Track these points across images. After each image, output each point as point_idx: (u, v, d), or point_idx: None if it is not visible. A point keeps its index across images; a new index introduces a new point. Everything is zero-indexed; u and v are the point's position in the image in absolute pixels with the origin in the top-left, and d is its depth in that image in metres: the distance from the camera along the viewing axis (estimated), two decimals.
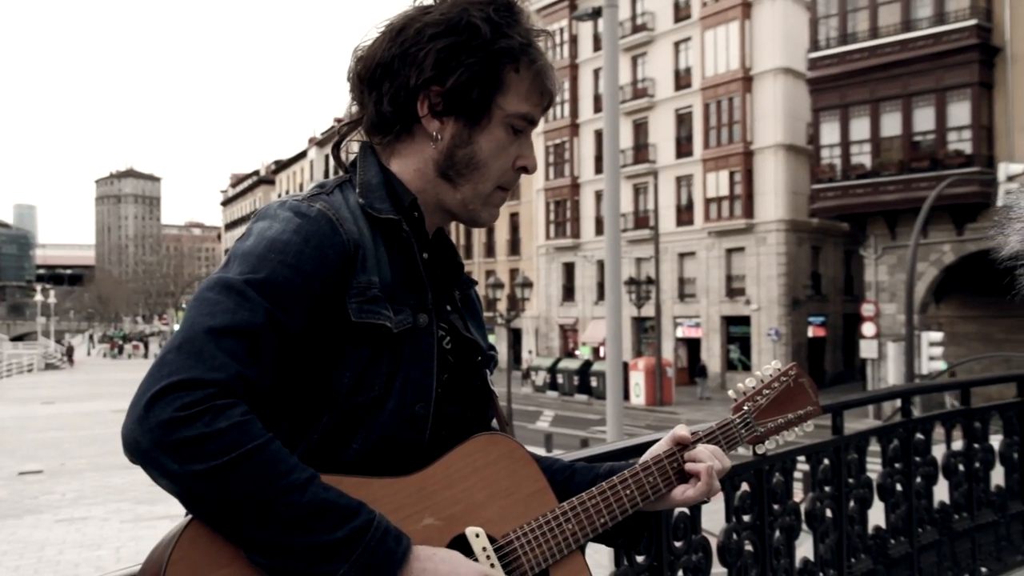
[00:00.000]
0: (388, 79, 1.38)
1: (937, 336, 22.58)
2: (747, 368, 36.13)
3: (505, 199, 1.47)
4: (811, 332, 36.23)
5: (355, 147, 1.49)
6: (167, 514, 15.62)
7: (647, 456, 1.56)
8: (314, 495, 1.10)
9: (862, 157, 29.50)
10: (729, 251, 36.93)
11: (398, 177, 1.41)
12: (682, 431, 1.57)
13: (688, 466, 1.52)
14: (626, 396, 30.81)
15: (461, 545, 1.26)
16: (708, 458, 1.52)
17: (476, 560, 1.25)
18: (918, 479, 3.82)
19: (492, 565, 1.26)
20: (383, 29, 1.41)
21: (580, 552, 1.41)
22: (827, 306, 37.26)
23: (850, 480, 3.41)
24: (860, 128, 29.47)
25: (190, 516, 1.11)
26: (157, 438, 1.06)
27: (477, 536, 1.28)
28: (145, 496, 17.35)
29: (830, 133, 30.32)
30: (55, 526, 15.25)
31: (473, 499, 1.30)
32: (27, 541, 14.26)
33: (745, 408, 1.63)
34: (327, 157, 74.74)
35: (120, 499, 17.18)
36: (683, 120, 39.04)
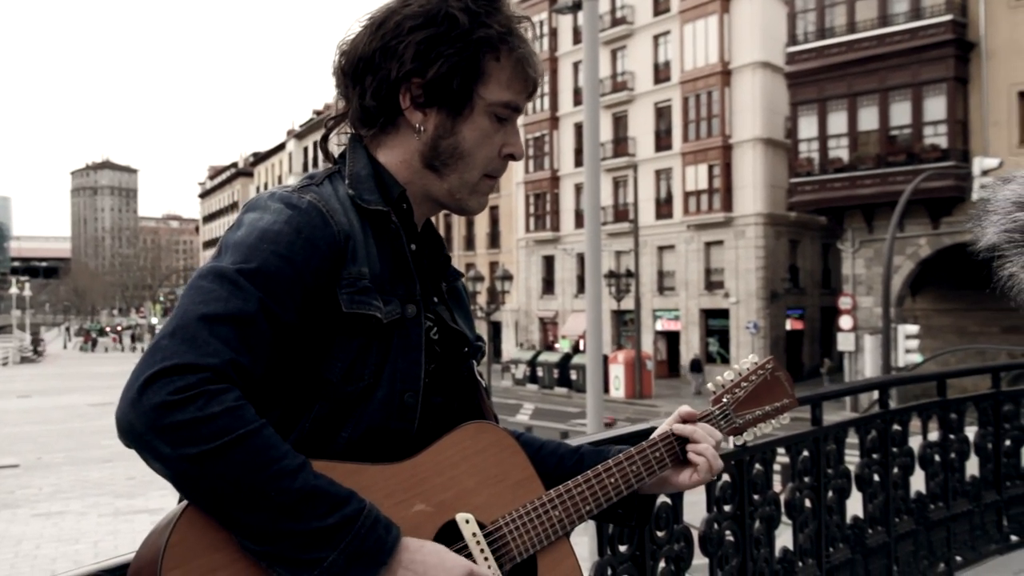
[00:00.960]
0: (370, 73, 1.39)
1: (913, 329, 22.80)
2: (726, 361, 36.31)
3: (493, 187, 1.48)
4: (789, 325, 36.46)
5: (336, 139, 1.51)
6: (145, 508, 15.55)
7: (654, 436, 1.58)
8: (305, 482, 1.10)
9: (839, 151, 29.70)
10: (708, 244, 37.06)
11: (387, 168, 1.42)
12: (687, 409, 1.60)
13: (691, 456, 1.54)
14: (606, 389, 30.92)
15: (451, 531, 1.27)
16: (705, 438, 1.55)
17: (466, 545, 1.27)
18: (895, 469, 3.88)
19: (482, 550, 1.28)
20: (364, 23, 1.41)
21: (566, 538, 1.43)
22: (805, 299, 37.49)
23: (829, 471, 3.46)
24: (838, 122, 29.66)
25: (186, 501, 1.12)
26: (151, 421, 1.06)
27: (467, 522, 1.29)
28: (123, 490, 17.26)
29: (808, 127, 30.51)
30: (32, 520, 15.11)
31: (463, 486, 1.31)
32: (3, 535, 14.14)
33: (724, 400, 1.66)
34: (306, 149, 74.46)
35: (98, 493, 17.07)
36: (662, 113, 39.13)
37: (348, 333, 1.28)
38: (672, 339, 39.56)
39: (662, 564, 2.49)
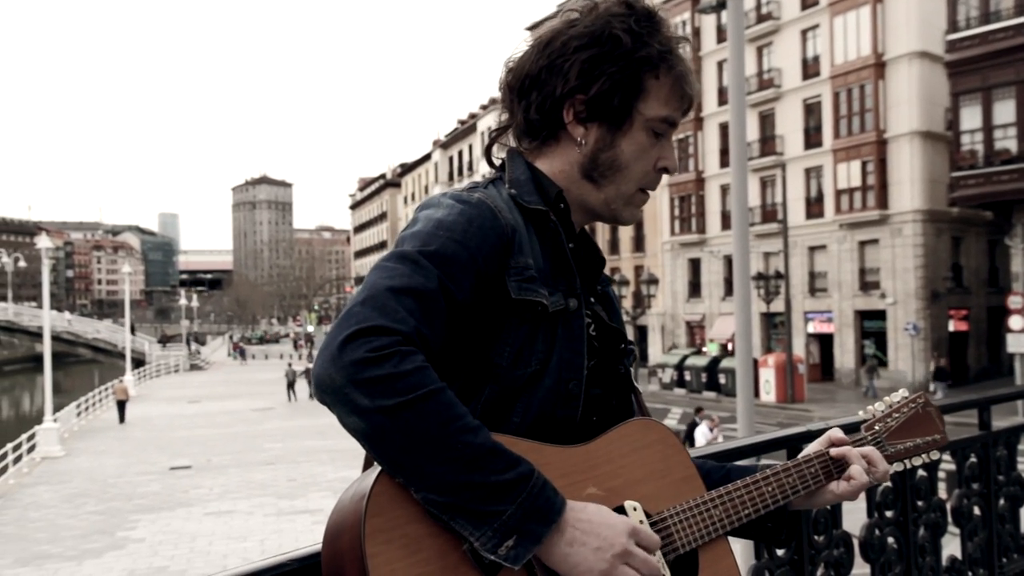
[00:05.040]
0: (536, 89, 1.48)
1: None
2: (883, 364, 34.82)
3: (647, 200, 1.57)
4: (952, 326, 34.61)
5: (495, 149, 1.61)
6: (306, 508, 16.26)
7: (807, 451, 1.64)
8: (486, 438, 1.19)
9: (1007, 142, 27.99)
10: (862, 243, 35.66)
11: (544, 174, 1.51)
12: (837, 433, 1.65)
13: (852, 470, 1.60)
14: (756, 393, 30.13)
15: None
16: (856, 456, 1.60)
17: None
18: None
19: None
20: (532, 42, 1.51)
21: (725, 538, 1.48)
22: (970, 299, 35.52)
23: (999, 477, 3.29)
24: (1004, 111, 27.97)
25: (375, 473, 1.19)
26: (351, 375, 1.15)
27: (635, 509, 1.35)
28: (285, 491, 18.10)
29: (971, 118, 28.91)
30: (204, 519, 16.06)
31: (631, 476, 1.38)
32: (180, 532, 15.09)
33: (876, 428, 1.70)
34: (451, 159, 76.09)
35: (263, 494, 17.95)
36: (812, 110, 37.94)
37: (517, 319, 1.37)
38: (825, 342, 38.25)
39: (821, 569, 2.44)
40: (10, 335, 65.16)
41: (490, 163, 1.58)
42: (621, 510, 1.33)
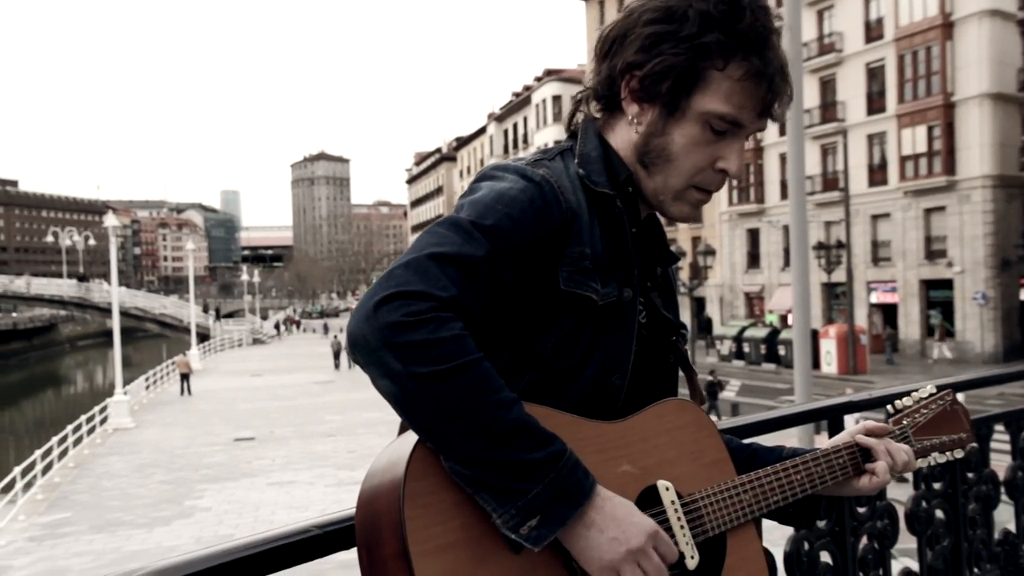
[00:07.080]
0: (608, 58, 1.42)
1: None
2: (951, 335, 34.02)
3: (704, 200, 1.46)
4: None
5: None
6: None
7: (836, 440, 1.61)
8: (519, 414, 1.14)
9: None
10: (928, 211, 34.79)
11: (616, 152, 1.44)
12: (872, 423, 1.62)
13: (869, 466, 1.58)
14: (816, 365, 29.69)
15: (651, 496, 1.32)
16: (884, 456, 1.58)
17: (664, 511, 1.32)
18: None
19: (679, 518, 1.33)
20: (626, 8, 1.44)
21: (753, 523, 1.46)
22: None
23: None
24: None
25: (414, 438, 1.16)
26: (385, 337, 1.12)
27: (667, 489, 1.33)
28: (345, 462, 18.41)
29: None
30: (267, 489, 16.45)
31: (664, 456, 1.36)
32: (244, 502, 15.48)
33: (904, 423, 1.68)
34: (506, 132, 75.93)
35: (323, 465, 18.30)
36: (875, 74, 36.97)
37: (563, 310, 1.33)
38: (889, 312, 37.49)
39: (864, 541, 2.40)
40: (82, 311, 67.19)
41: (569, 128, 1.51)
42: (654, 489, 1.32)
